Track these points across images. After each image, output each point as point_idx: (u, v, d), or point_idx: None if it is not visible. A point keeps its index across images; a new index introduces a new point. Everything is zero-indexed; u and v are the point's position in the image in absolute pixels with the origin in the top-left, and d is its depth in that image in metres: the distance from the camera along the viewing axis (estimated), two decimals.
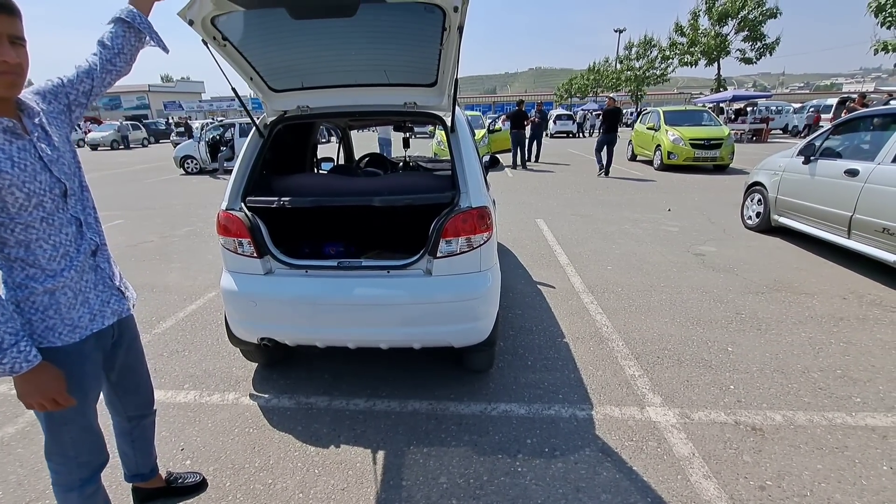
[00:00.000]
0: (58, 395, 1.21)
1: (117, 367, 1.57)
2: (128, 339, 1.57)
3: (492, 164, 3.77)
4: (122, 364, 1.58)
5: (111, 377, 1.58)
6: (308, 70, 2.47)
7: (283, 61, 2.38)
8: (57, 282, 1.22)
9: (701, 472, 1.99)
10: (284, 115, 2.64)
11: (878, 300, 3.70)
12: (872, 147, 4.32)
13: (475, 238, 2.20)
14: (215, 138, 13.58)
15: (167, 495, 1.91)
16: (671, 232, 5.95)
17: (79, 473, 1.41)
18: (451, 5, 1.81)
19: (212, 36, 2.03)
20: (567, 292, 4.01)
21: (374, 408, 2.48)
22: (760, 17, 23.51)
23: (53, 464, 1.39)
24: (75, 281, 1.28)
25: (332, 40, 2.16)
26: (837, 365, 2.80)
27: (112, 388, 1.62)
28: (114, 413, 1.71)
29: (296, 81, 2.55)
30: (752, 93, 30.04)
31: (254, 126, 2.58)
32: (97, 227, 1.39)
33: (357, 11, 1.88)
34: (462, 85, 5.44)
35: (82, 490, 1.43)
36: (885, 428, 2.23)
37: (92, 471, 1.45)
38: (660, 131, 12.00)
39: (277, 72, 2.47)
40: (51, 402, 1.21)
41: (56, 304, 1.24)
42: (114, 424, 1.74)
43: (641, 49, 33.92)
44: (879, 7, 14.04)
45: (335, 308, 2.23)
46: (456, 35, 1.99)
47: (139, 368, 1.68)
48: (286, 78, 2.52)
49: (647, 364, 2.85)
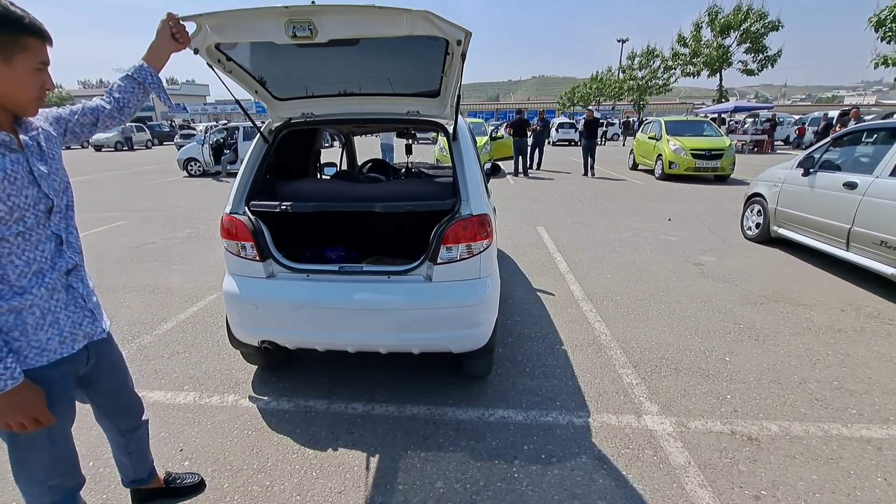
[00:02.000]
0: (39, 414, 1.17)
1: (102, 391, 1.52)
2: (109, 361, 1.50)
3: (493, 172, 3.80)
4: (107, 387, 1.53)
5: (97, 400, 1.54)
6: (312, 80, 2.51)
7: (287, 74, 2.42)
8: (24, 300, 1.16)
9: (696, 480, 2.00)
10: (289, 122, 2.68)
11: (876, 312, 3.72)
12: (871, 160, 4.36)
13: (475, 245, 2.23)
14: (219, 141, 13.66)
15: (166, 496, 1.91)
16: (671, 241, 5.98)
17: (51, 497, 1.34)
18: (454, 38, 1.85)
19: (216, 59, 2.07)
20: (566, 300, 4.03)
21: (372, 412, 2.50)
22: (762, 29, 23.66)
23: (23, 485, 1.32)
24: (45, 300, 1.21)
25: (337, 55, 2.20)
26: (834, 376, 2.81)
27: (100, 410, 1.59)
28: (106, 429, 1.69)
29: (300, 90, 2.59)
30: (753, 104, 30.17)
31: (258, 132, 2.62)
32: (77, 245, 1.35)
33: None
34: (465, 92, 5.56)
35: None
36: (880, 440, 2.24)
37: (65, 495, 1.37)
38: (661, 141, 12.07)
39: (282, 83, 2.52)
40: (32, 420, 1.17)
41: (22, 325, 1.17)
42: (108, 438, 1.73)
43: (644, 59, 34.09)
44: (879, 22, 14.14)
45: (336, 312, 2.25)
46: (459, 60, 2.05)
47: (125, 388, 1.63)
48: (291, 88, 2.57)
49: (644, 372, 2.87)
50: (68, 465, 1.37)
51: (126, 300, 4.08)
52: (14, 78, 1.09)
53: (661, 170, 11.85)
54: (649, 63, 33.60)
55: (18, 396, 1.13)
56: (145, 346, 3.25)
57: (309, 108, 2.67)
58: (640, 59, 34.34)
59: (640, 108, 36.06)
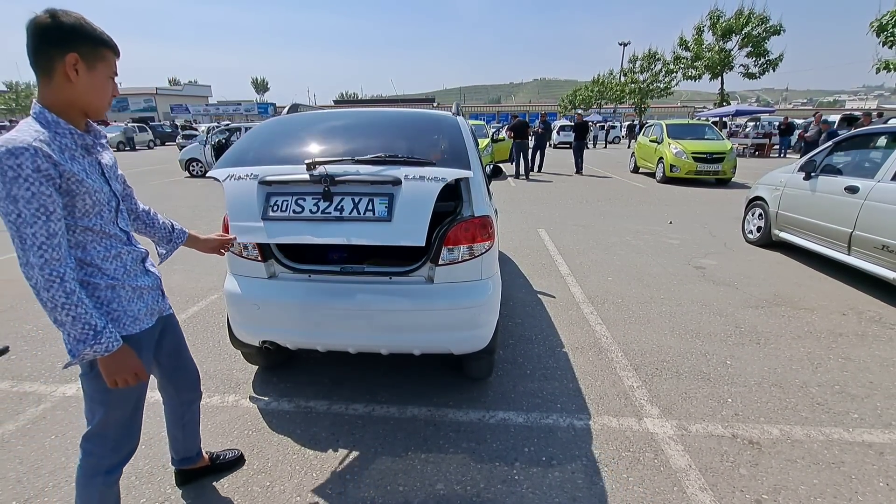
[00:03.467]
0: (138, 370, 1.36)
1: (167, 353, 1.73)
2: (171, 327, 1.73)
3: (494, 174, 3.81)
4: (170, 349, 1.74)
5: (162, 361, 1.73)
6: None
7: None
8: (115, 280, 1.38)
9: (697, 484, 1.99)
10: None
11: (878, 317, 3.71)
12: (872, 164, 4.36)
13: (477, 246, 2.23)
14: (221, 142, 13.68)
15: (210, 472, 2.04)
16: (672, 244, 5.98)
17: (110, 460, 1.51)
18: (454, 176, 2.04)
19: None
20: (567, 302, 4.03)
21: (372, 413, 2.50)
22: (764, 33, 23.72)
23: (90, 446, 1.49)
24: (131, 279, 1.44)
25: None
26: (835, 380, 2.80)
27: (164, 374, 1.77)
28: (167, 399, 1.86)
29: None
30: (755, 107, 30.20)
31: None
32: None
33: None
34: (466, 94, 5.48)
35: (106, 477, 1.52)
36: (882, 444, 2.24)
37: (121, 459, 1.55)
38: (662, 144, 12.08)
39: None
40: (133, 377, 1.35)
41: (118, 299, 1.40)
42: (166, 412, 1.88)
43: (646, 62, 34.13)
44: (881, 27, 14.16)
45: (337, 312, 2.25)
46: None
47: (184, 350, 1.83)
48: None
49: (645, 375, 2.86)
50: (136, 427, 1.59)
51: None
52: (94, 84, 1.26)
53: (662, 173, 11.86)
54: (651, 66, 33.64)
55: (121, 356, 1.32)
56: None
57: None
58: (642, 62, 34.38)
59: (641, 111, 36.09)
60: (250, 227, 2.06)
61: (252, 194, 2.07)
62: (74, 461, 2.10)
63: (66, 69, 1.19)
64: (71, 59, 1.19)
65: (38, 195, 1.14)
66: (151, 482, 2.00)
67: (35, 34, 1.17)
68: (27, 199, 1.13)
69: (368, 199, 2.02)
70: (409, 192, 2.00)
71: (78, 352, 1.24)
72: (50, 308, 1.19)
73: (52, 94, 1.22)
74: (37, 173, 1.13)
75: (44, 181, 1.15)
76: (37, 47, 1.18)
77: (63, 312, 1.20)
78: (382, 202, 2.00)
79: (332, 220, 2.02)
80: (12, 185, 1.11)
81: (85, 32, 1.21)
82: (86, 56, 1.21)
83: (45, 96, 1.23)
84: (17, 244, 1.16)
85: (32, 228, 1.15)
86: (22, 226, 1.14)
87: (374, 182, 2.01)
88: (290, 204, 2.05)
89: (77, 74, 1.21)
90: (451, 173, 2.07)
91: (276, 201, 2.07)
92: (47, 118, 1.22)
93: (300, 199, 2.05)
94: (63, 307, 1.19)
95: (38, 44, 1.18)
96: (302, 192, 2.05)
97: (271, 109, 54.72)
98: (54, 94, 1.23)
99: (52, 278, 1.17)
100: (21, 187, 1.12)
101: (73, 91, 1.23)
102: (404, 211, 1.99)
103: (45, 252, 1.16)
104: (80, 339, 1.22)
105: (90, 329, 1.23)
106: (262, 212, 2.08)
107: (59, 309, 1.19)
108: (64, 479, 2.02)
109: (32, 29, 1.17)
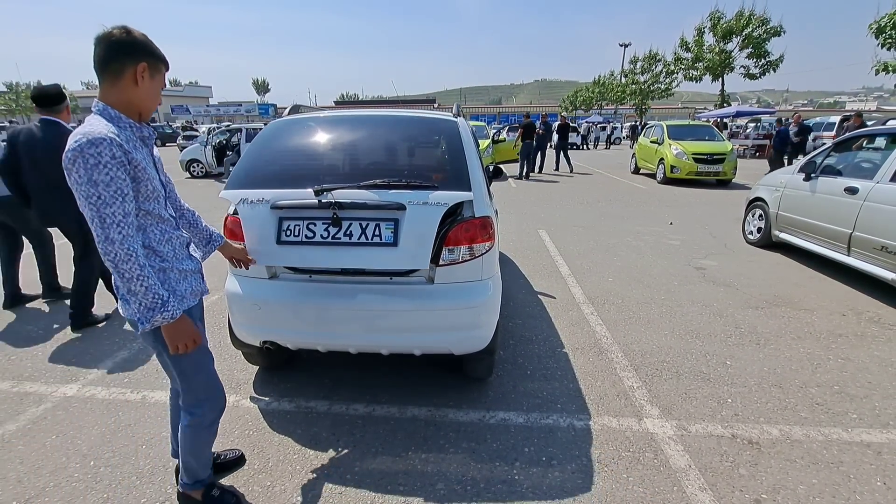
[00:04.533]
0: (196, 337, 1.54)
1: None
2: (201, 310, 1.83)
3: (495, 175, 3.82)
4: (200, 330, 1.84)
5: None
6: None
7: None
8: (166, 262, 1.54)
9: (697, 484, 2.00)
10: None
11: (877, 317, 3.72)
12: (872, 165, 4.36)
13: (477, 247, 2.24)
14: (222, 143, 13.70)
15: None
16: (672, 245, 5.98)
17: (210, 416, 1.75)
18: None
19: None
20: (567, 303, 4.04)
21: (373, 413, 2.50)
22: (764, 34, 23.72)
23: (191, 409, 1.71)
24: (179, 262, 1.59)
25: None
26: (835, 381, 2.81)
27: None
28: (176, 387, 1.90)
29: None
30: (755, 108, 30.22)
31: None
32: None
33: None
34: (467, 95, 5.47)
35: (210, 429, 1.78)
36: (880, 444, 2.24)
37: (217, 413, 1.78)
38: (663, 145, 12.09)
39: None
40: (192, 342, 1.53)
41: (168, 280, 1.55)
42: (172, 402, 1.95)
43: (646, 63, 34.16)
44: (880, 29, 14.20)
45: (338, 313, 2.26)
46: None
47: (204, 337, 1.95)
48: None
49: (645, 376, 2.87)
50: (219, 384, 1.78)
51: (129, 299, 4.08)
52: (152, 90, 1.47)
53: (662, 174, 11.87)
54: (652, 67, 33.67)
55: (182, 324, 1.49)
56: (147, 345, 3.26)
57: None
58: (643, 63, 34.42)
59: (642, 112, 36.12)
60: (268, 251, 2.21)
61: (266, 219, 2.18)
62: (75, 461, 2.12)
63: (136, 75, 1.41)
64: (141, 68, 1.41)
65: (115, 179, 1.31)
66: (153, 482, 2.01)
67: (110, 45, 1.37)
68: (106, 183, 1.29)
69: (375, 224, 2.13)
70: (414, 217, 2.12)
71: (148, 319, 1.40)
72: (126, 279, 1.35)
73: (116, 94, 1.41)
74: (113, 160, 1.30)
75: (119, 167, 1.32)
76: (110, 56, 1.38)
77: (138, 283, 1.36)
78: (388, 227, 2.13)
79: (343, 245, 2.15)
80: (93, 171, 1.28)
81: (151, 48, 1.44)
82: (150, 67, 1.44)
83: (109, 96, 1.41)
84: (97, 224, 1.31)
85: (111, 208, 1.31)
86: (102, 206, 1.30)
87: (380, 208, 2.12)
88: (302, 229, 2.16)
89: (143, 80, 1.43)
90: (452, 197, 2.17)
91: (289, 226, 2.18)
92: (111, 114, 1.40)
93: (311, 223, 2.16)
94: (138, 278, 1.36)
95: (112, 53, 1.37)
96: (312, 217, 2.16)
97: (272, 110, 54.69)
98: (118, 95, 1.41)
99: (129, 252, 1.34)
100: (101, 173, 1.28)
101: (135, 93, 1.43)
102: (409, 237, 2.12)
103: (123, 229, 1.33)
104: (151, 307, 1.39)
105: (159, 298, 1.40)
106: (277, 237, 2.19)
107: (135, 280, 1.36)
108: (65, 479, 2.02)
109: (108, 40, 1.36)
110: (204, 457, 1.81)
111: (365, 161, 2.61)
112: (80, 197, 1.30)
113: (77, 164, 1.28)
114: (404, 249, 2.13)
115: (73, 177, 1.29)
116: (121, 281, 1.37)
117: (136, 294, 1.37)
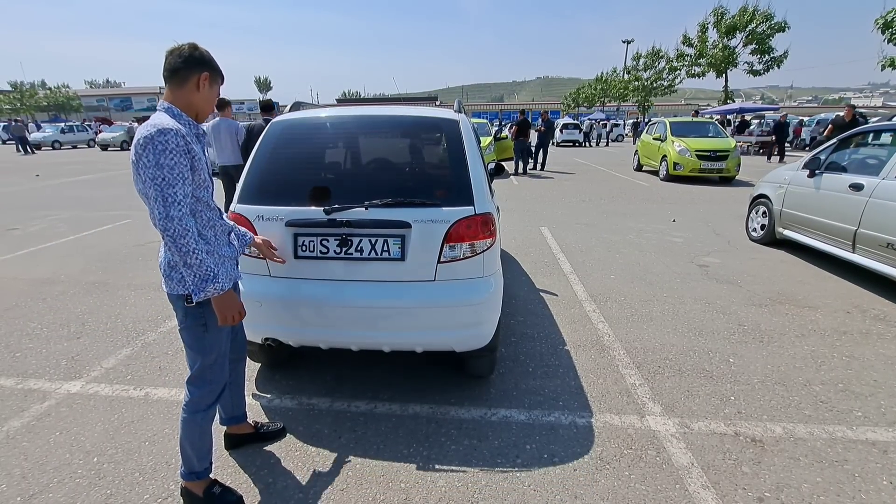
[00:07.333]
0: (241, 310, 1.72)
1: None
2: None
3: (497, 172, 3.80)
4: None
5: None
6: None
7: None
8: (209, 246, 1.69)
9: (699, 482, 1.99)
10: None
11: (882, 315, 3.69)
12: (877, 162, 4.33)
13: (478, 244, 2.23)
14: None
15: (255, 440, 2.23)
16: (675, 242, 5.96)
17: (208, 398, 1.83)
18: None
19: None
20: (570, 300, 4.03)
21: (375, 410, 2.50)
22: (768, 30, 23.57)
23: (193, 388, 1.81)
24: (220, 247, 1.76)
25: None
26: (839, 379, 2.79)
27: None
28: None
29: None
30: (759, 105, 30.04)
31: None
32: None
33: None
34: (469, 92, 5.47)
35: (206, 412, 1.84)
36: (886, 442, 2.23)
37: (215, 397, 1.86)
38: (666, 142, 12.03)
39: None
40: (238, 314, 1.70)
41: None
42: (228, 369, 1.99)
43: (649, 60, 34.01)
44: (886, 24, 14.07)
45: (339, 310, 2.26)
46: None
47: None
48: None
49: (647, 373, 2.86)
50: (224, 370, 1.88)
51: (131, 298, 4.10)
52: (209, 96, 1.69)
53: (665, 171, 11.82)
54: (654, 64, 33.51)
55: (230, 297, 1.66)
56: (150, 343, 3.27)
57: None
58: (646, 59, 34.26)
59: (644, 109, 35.97)
60: (287, 264, 2.29)
61: (283, 235, 2.28)
62: (79, 457, 2.13)
63: (199, 82, 1.63)
64: (204, 76, 1.64)
65: (178, 164, 1.49)
66: (155, 478, 2.01)
67: (180, 57, 1.60)
68: (170, 167, 1.47)
69: (384, 241, 2.24)
70: (419, 234, 2.21)
71: (202, 289, 1.56)
72: (183, 253, 1.50)
73: (180, 96, 1.62)
74: (178, 147, 1.49)
75: (182, 154, 1.50)
76: (180, 65, 1.60)
77: (193, 256, 1.52)
78: (396, 243, 2.23)
79: (354, 260, 2.26)
80: (160, 156, 1.46)
81: (212, 62, 1.68)
82: (210, 77, 1.67)
83: (173, 98, 1.62)
84: (159, 203, 1.47)
85: (173, 189, 1.48)
86: (166, 187, 1.47)
87: (387, 226, 2.21)
88: (316, 244, 2.27)
89: (203, 87, 1.65)
90: (455, 214, 2.23)
91: (304, 241, 2.28)
92: (174, 111, 1.61)
93: (324, 239, 2.26)
94: (193, 252, 1.52)
95: (181, 63, 1.60)
96: (324, 233, 2.26)
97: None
98: (181, 97, 1.63)
99: (187, 228, 1.50)
100: (167, 157, 1.47)
101: (196, 98, 1.65)
102: (416, 252, 2.22)
103: (182, 208, 1.50)
104: (205, 278, 1.55)
105: (211, 272, 1.56)
106: (294, 251, 2.28)
107: (191, 254, 1.51)
108: (68, 475, 2.03)
109: (179, 52, 1.60)
110: (199, 446, 1.84)
111: (370, 172, 2.79)
112: (147, 178, 1.47)
113: (147, 150, 1.46)
114: (411, 263, 2.23)
115: (143, 160, 1.47)
116: (178, 255, 1.51)
117: (191, 266, 1.53)
